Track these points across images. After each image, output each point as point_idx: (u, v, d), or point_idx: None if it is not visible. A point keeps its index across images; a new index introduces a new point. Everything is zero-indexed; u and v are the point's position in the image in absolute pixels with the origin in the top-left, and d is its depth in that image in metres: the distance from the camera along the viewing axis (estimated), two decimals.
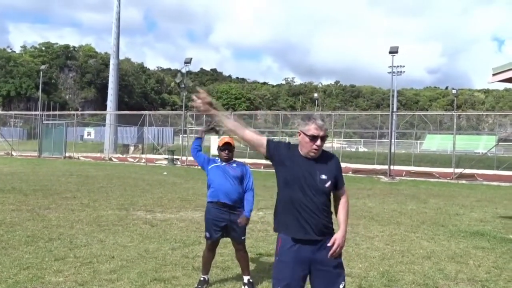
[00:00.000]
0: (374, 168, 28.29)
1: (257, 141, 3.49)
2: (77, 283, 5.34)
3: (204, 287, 5.38)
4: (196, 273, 5.82)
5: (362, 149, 60.91)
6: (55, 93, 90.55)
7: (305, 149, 3.39)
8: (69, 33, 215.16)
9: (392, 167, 24.41)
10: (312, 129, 3.34)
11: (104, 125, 47.27)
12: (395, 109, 50.71)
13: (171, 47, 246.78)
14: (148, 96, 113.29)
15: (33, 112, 54.04)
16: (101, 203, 11.54)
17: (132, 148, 43.49)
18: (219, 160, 5.45)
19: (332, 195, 3.51)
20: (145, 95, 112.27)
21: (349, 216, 3.69)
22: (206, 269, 5.51)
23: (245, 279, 5.45)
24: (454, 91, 78.14)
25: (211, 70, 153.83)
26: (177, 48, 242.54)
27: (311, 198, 3.36)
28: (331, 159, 3.50)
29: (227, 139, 5.38)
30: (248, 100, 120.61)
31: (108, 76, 50.39)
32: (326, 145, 3.58)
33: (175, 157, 30.94)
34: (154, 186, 16.00)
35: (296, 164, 3.40)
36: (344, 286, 3.44)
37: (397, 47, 26.09)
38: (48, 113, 42.77)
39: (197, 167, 27.18)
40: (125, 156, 38.76)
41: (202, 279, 5.47)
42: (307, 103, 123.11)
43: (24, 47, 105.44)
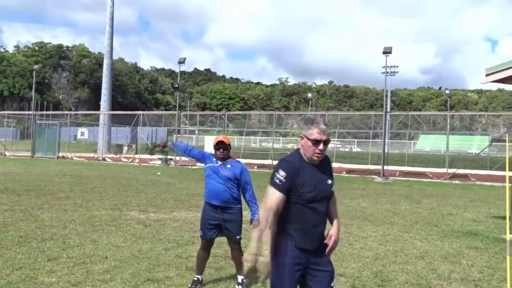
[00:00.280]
0: (367, 168, 28.34)
1: (281, 201, 3.27)
2: (70, 284, 5.31)
3: (198, 287, 5.36)
4: (190, 273, 5.80)
5: (356, 149, 61.01)
6: (48, 93, 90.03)
7: (308, 153, 3.35)
8: (62, 33, 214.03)
9: (385, 167, 24.48)
10: (315, 133, 3.31)
11: (98, 125, 47.09)
12: (388, 109, 50.84)
13: (165, 47, 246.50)
14: (141, 96, 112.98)
15: (26, 112, 53.68)
16: (95, 203, 11.50)
17: (125, 148, 43.33)
18: (215, 159, 5.39)
19: None
20: (139, 95, 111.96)
21: (343, 216, 3.70)
22: (200, 269, 5.49)
23: (239, 278, 5.44)
24: (447, 91, 78.25)
25: (205, 70, 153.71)
26: (171, 48, 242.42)
27: (323, 204, 3.38)
28: (328, 161, 3.50)
29: (221, 137, 5.31)
30: (242, 100, 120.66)
31: (101, 76, 50.19)
32: None
33: (168, 157, 30.87)
34: (148, 186, 15.95)
35: (308, 177, 3.30)
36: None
37: (391, 48, 26.15)
38: (41, 113, 42.55)
39: (191, 167, 27.20)
40: (118, 156, 38.61)
41: (195, 279, 5.44)
42: (301, 103, 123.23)
43: (17, 46, 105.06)
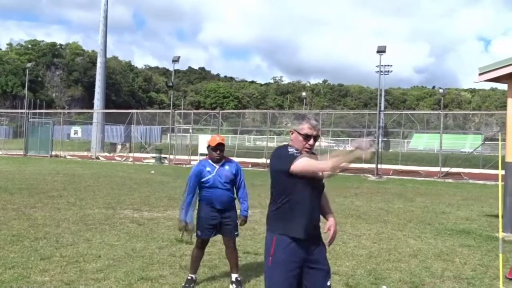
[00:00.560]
0: (361, 166, 28.38)
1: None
2: (63, 283, 5.29)
3: (191, 286, 5.34)
4: (183, 272, 5.79)
5: (350, 148, 61.03)
6: (41, 91, 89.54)
7: (298, 148, 3.40)
8: (56, 31, 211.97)
9: (379, 166, 24.56)
10: (306, 128, 3.38)
11: (91, 123, 46.99)
12: (382, 108, 51.00)
13: (160, 46, 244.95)
14: (135, 94, 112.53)
15: (19, 110, 53.39)
16: (88, 201, 11.46)
17: (119, 147, 43.23)
18: (209, 161, 5.36)
19: None
20: (133, 93, 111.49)
21: (337, 215, 3.72)
22: (194, 268, 5.47)
23: (233, 277, 5.43)
24: (441, 90, 78.43)
25: (199, 68, 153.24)
26: (165, 47, 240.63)
27: (317, 195, 3.43)
28: (315, 155, 3.53)
29: (219, 139, 5.30)
30: (236, 98, 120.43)
31: (95, 74, 49.99)
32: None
33: (162, 155, 30.84)
34: (142, 185, 15.92)
35: None
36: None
37: (385, 47, 26.23)
38: (34, 111, 42.41)
39: (185, 165, 27.19)
40: (112, 154, 38.51)
41: (189, 278, 5.42)
42: (295, 102, 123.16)
43: (10, 44, 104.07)
